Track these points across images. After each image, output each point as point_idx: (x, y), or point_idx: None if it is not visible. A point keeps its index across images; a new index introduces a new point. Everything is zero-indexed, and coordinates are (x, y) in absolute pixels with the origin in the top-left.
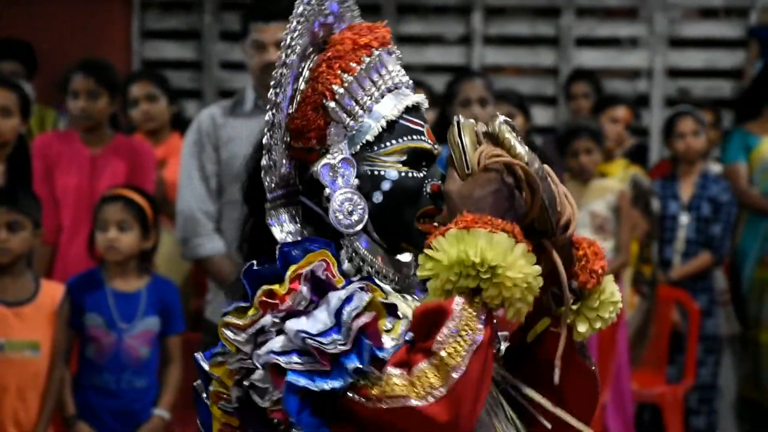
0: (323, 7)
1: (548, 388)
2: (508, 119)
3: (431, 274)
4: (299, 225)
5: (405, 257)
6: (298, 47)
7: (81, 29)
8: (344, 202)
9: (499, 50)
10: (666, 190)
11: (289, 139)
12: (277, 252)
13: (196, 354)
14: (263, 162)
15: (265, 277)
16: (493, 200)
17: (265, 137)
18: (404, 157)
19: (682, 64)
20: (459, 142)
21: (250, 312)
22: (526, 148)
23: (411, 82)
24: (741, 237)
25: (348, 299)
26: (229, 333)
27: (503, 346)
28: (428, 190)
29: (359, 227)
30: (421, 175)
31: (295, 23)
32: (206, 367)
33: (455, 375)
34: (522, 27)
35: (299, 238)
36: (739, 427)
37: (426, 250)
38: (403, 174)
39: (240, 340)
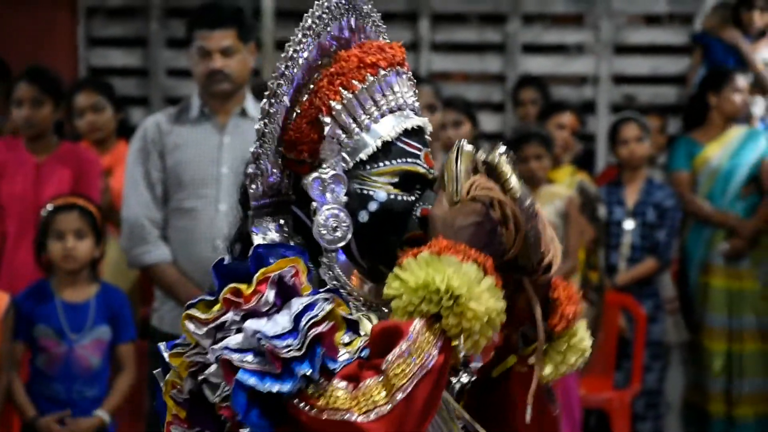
0: (339, 21)
1: (509, 427)
2: (508, 151)
3: (396, 294)
4: (286, 235)
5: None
6: (301, 59)
7: (26, 37)
8: (329, 218)
9: (447, 57)
10: (611, 195)
11: (282, 149)
12: (251, 252)
13: (159, 344)
14: (249, 170)
15: (235, 274)
16: (473, 231)
17: (254, 146)
18: (396, 179)
19: (627, 70)
20: (454, 167)
21: (216, 307)
22: (521, 182)
23: (418, 104)
24: (687, 243)
25: (309, 306)
26: (190, 325)
27: (472, 378)
28: (418, 214)
29: (341, 244)
30: (412, 198)
31: (300, 35)
32: (166, 356)
33: (400, 395)
34: (469, 33)
35: (274, 243)
36: None
37: (395, 270)
38: (392, 196)
39: (200, 333)
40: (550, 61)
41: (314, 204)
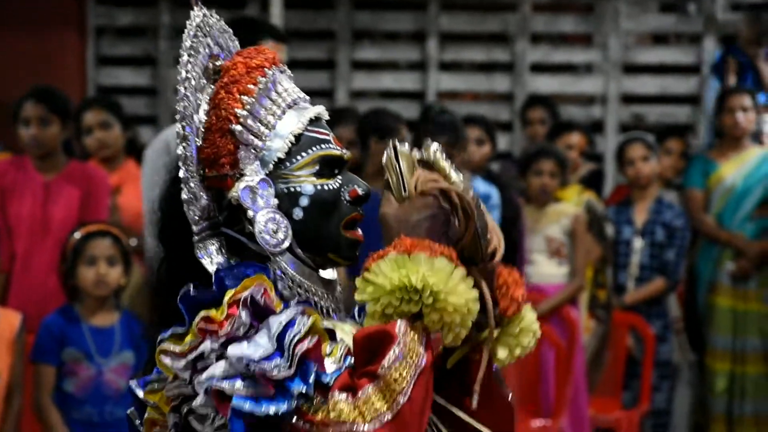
0: (208, 39)
1: (468, 414)
2: (440, 148)
3: (371, 298)
4: (226, 256)
5: (328, 274)
6: (193, 80)
7: (35, 57)
8: (268, 223)
9: (454, 76)
10: (620, 215)
11: (202, 169)
12: (213, 278)
13: (130, 381)
14: (184, 196)
15: (203, 303)
16: (430, 225)
17: (181, 171)
18: (316, 168)
19: (636, 90)
20: (396, 166)
21: (188, 338)
22: (461, 176)
23: (307, 96)
24: (696, 262)
25: (289, 324)
26: (166, 359)
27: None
28: (347, 197)
29: (285, 245)
30: (337, 184)
31: (186, 56)
32: (140, 394)
33: (401, 399)
34: (477, 53)
35: (233, 264)
36: None
37: (365, 274)
38: (318, 187)
39: (178, 366)
40: (558, 80)
41: (250, 213)
